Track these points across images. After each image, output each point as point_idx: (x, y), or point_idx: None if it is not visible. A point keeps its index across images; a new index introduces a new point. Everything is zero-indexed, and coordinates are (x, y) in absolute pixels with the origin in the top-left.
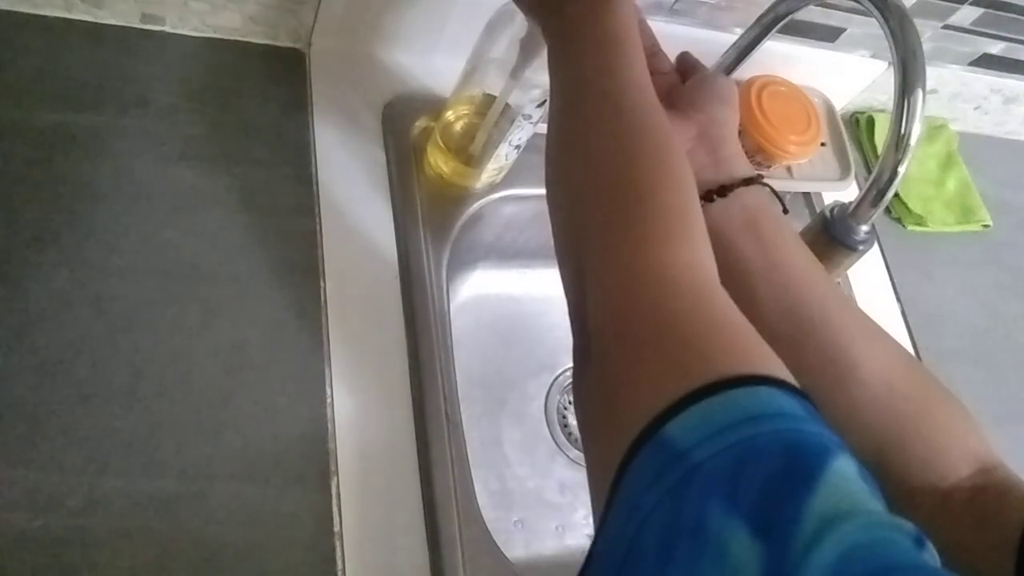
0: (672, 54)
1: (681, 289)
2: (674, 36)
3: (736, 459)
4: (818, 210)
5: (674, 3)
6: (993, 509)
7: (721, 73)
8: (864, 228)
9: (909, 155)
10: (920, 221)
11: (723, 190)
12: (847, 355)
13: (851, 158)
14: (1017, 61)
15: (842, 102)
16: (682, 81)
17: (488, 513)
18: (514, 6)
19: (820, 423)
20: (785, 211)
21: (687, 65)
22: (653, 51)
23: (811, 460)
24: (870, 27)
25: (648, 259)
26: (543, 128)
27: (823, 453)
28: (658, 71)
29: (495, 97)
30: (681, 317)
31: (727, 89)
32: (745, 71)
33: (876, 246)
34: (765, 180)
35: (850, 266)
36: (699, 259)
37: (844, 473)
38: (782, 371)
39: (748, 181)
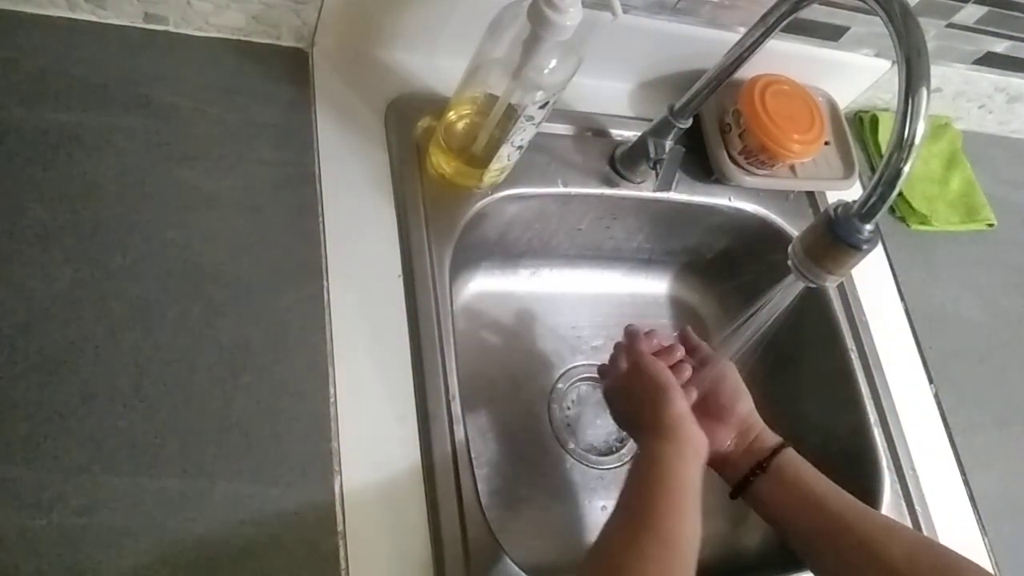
0: (674, 54)
1: None
2: (677, 35)
3: None
4: (822, 209)
5: (677, 2)
6: None
7: (727, 361)
8: (868, 227)
9: (913, 154)
10: (924, 220)
11: (761, 467)
12: (876, 547)
13: (855, 157)
14: (1021, 59)
15: (846, 101)
16: (688, 353)
17: (491, 512)
18: (516, 7)
19: None
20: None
21: (690, 344)
22: (698, 349)
23: None
24: (874, 26)
25: None
26: (545, 128)
27: None
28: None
29: (497, 97)
30: None
31: (736, 379)
32: (749, 70)
33: (880, 245)
34: (786, 444)
35: (855, 265)
36: None
37: None
38: None
39: (775, 451)
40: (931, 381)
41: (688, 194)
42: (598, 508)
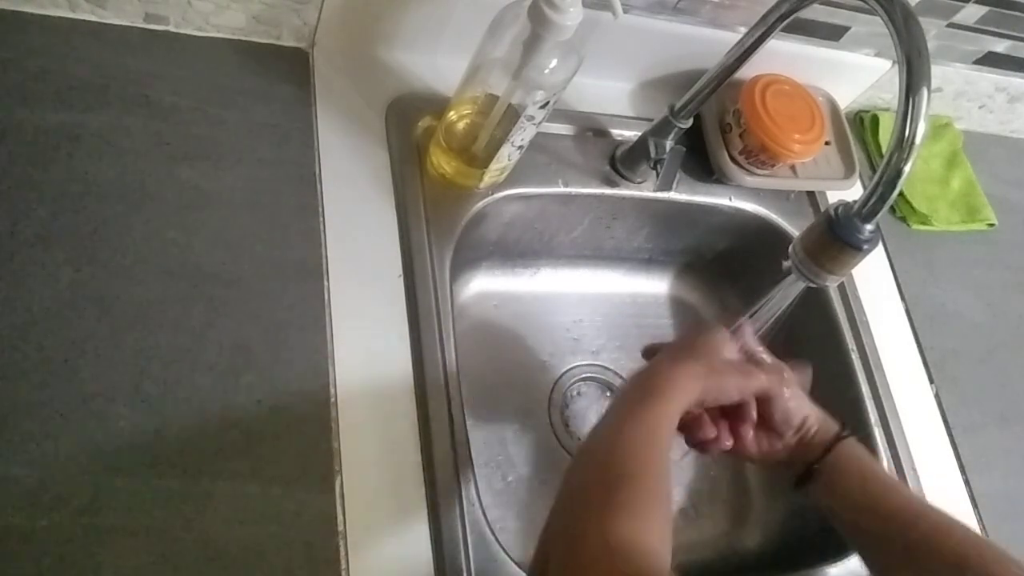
0: (674, 54)
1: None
2: (678, 35)
3: None
4: (823, 209)
5: (677, 2)
6: None
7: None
8: (869, 227)
9: (914, 154)
10: (925, 220)
11: (809, 472)
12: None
13: (855, 157)
14: (1022, 59)
15: (846, 101)
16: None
17: (491, 512)
18: (517, 7)
19: None
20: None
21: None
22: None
23: None
24: (875, 25)
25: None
26: (545, 128)
27: None
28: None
29: (498, 97)
30: None
31: (804, 378)
32: (749, 70)
33: (881, 245)
34: (845, 433)
35: (855, 265)
36: (651, 545)
37: None
38: None
39: (828, 448)
40: (931, 381)
41: (689, 194)
42: None
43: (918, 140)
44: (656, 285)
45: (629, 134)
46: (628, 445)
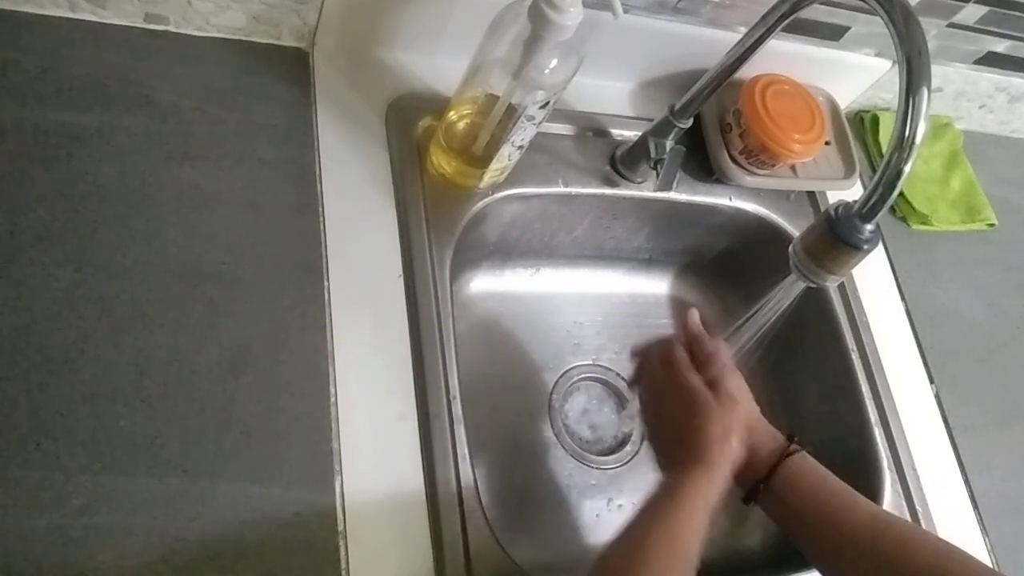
0: (674, 54)
1: None
2: (678, 35)
3: None
4: (823, 209)
5: (677, 2)
6: None
7: (735, 371)
8: (869, 227)
9: (914, 154)
10: (925, 220)
11: (756, 490)
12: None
13: (856, 157)
14: (1022, 59)
15: (847, 101)
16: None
17: (491, 512)
18: (517, 7)
19: None
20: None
21: (690, 334)
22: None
23: None
24: (875, 25)
25: None
26: (545, 128)
27: None
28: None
29: (498, 97)
30: None
31: (738, 384)
32: (749, 70)
33: (881, 245)
34: (792, 449)
35: (855, 265)
36: None
37: None
38: None
39: (774, 466)
40: (932, 381)
41: (689, 194)
42: (598, 507)
43: (918, 140)
44: (656, 285)
45: (629, 134)
46: (651, 551)
